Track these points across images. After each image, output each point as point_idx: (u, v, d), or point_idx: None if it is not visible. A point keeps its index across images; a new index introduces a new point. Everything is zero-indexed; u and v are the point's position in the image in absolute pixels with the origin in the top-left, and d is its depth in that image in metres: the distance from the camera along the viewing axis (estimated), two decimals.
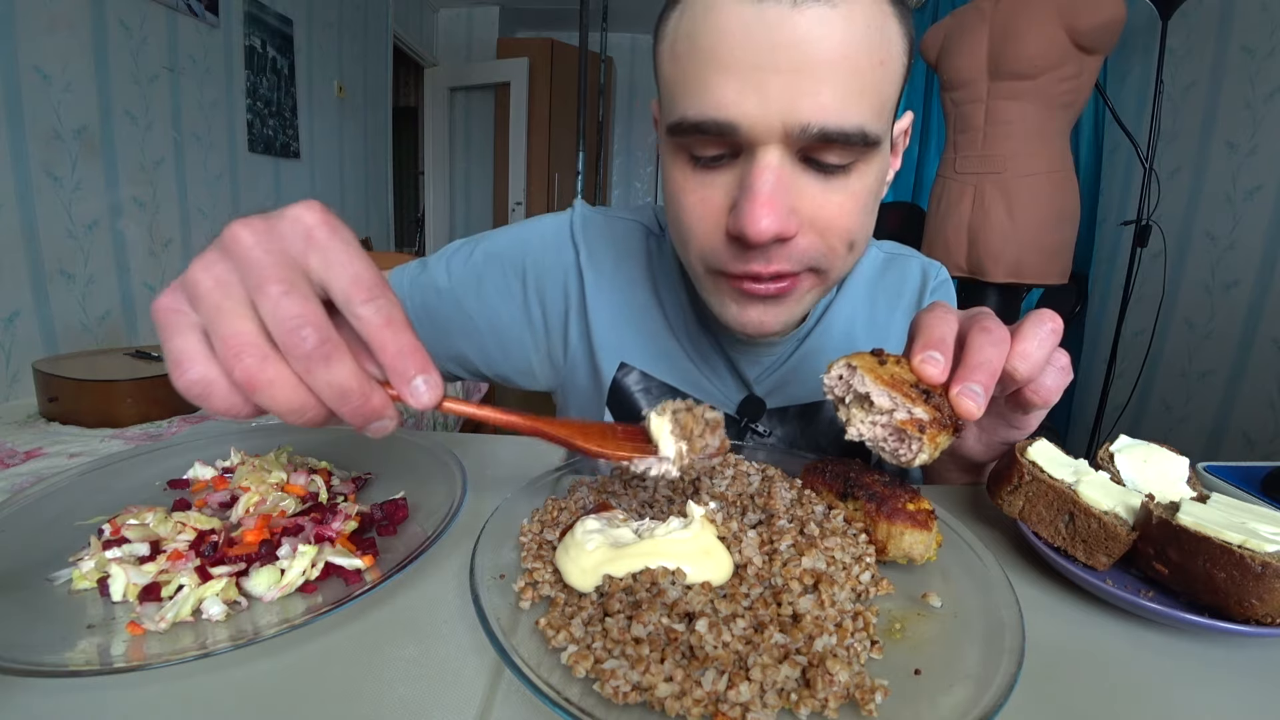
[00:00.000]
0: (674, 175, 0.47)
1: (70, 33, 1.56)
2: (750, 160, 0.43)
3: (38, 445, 1.16)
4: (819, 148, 0.42)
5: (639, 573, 0.32)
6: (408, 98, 4.80)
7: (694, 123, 0.42)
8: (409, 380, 0.29)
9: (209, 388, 0.28)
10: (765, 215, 0.41)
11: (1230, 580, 0.32)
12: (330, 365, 0.28)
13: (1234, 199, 1.99)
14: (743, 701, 0.25)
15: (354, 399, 0.28)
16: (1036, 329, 0.39)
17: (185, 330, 0.28)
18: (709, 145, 0.44)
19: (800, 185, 0.44)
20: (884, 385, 0.36)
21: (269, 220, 0.29)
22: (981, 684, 0.27)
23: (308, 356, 0.27)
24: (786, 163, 0.42)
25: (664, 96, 0.47)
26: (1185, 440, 2.13)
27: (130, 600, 0.32)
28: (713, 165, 0.45)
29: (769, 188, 0.42)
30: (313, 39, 2.72)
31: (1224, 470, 0.53)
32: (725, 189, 0.45)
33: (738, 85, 0.40)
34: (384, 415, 0.30)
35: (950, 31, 1.92)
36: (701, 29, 0.42)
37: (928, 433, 0.35)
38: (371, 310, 0.28)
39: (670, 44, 0.45)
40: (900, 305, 0.66)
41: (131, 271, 1.80)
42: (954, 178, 1.93)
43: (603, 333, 0.64)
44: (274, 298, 0.27)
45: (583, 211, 0.66)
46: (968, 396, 0.36)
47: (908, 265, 0.68)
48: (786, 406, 0.64)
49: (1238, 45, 1.98)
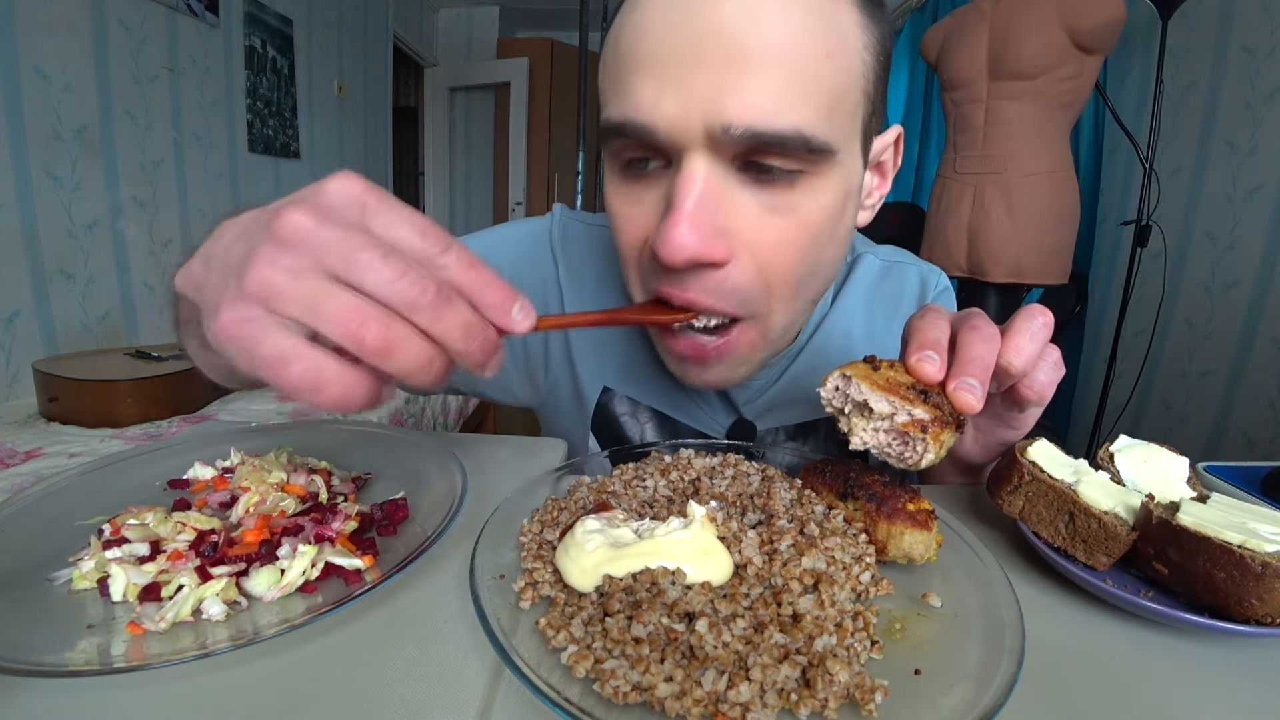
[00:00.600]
0: (608, 187, 0.44)
1: (70, 33, 1.56)
2: (676, 170, 0.38)
3: (38, 445, 1.16)
4: (754, 154, 0.37)
5: (639, 573, 0.31)
6: (408, 98, 4.79)
7: (614, 125, 0.39)
8: (508, 311, 0.29)
9: (321, 375, 0.26)
10: (686, 233, 0.36)
11: (1230, 580, 0.32)
12: (454, 306, 0.27)
13: (1234, 199, 1.99)
14: (743, 701, 0.25)
15: (477, 333, 0.28)
16: (1027, 324, 0.39)
17: (272, 330, 0.26)
18: (632, 150, 0.40)
19: (735, 202, 0.38)
20: (881, 390, 0.36)
21: (313, 200, 0.27)
22: (981, 684, 0.27)
23: (432, 304, 0.27)
24: (717, 173, 0.37)
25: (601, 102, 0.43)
26: (1185, 440, 2.13)
27: (130, 600, 0.32)
28: (643, 175, 0.41)
29: (691, 201, 0.37)
30: (313, 39, 2.71)
31: (1224, 470, 0.53)
32: (654, 203, 0.40)
33: (656, 83, 0.36)
34: (500, 348, 0.30)
35: (950, 31, 1.93)
36: (629, 25, 0.38)
37: (930, 431, 0.35)
38: (453, 258, 0.28)
39: (604, 47, 0.42)
40: (899, 316, 0.63)
41: (131, 271, 1.80)
42: (954, 178, 1.93)
43: (585, 354, 0.61)
44: (373, 265, 0.26)
45: (562, 220, 0.62)
46: (965, 390, 0.35)
47: (906, 274, 0.64)
48: (778, 428, 0.61)
49: (1238, 45, 1.97)
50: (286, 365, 0.26)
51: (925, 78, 3.12)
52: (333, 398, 0.26)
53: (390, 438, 0.51)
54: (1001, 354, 0.38)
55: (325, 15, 2.81)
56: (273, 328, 0.26)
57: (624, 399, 0.61)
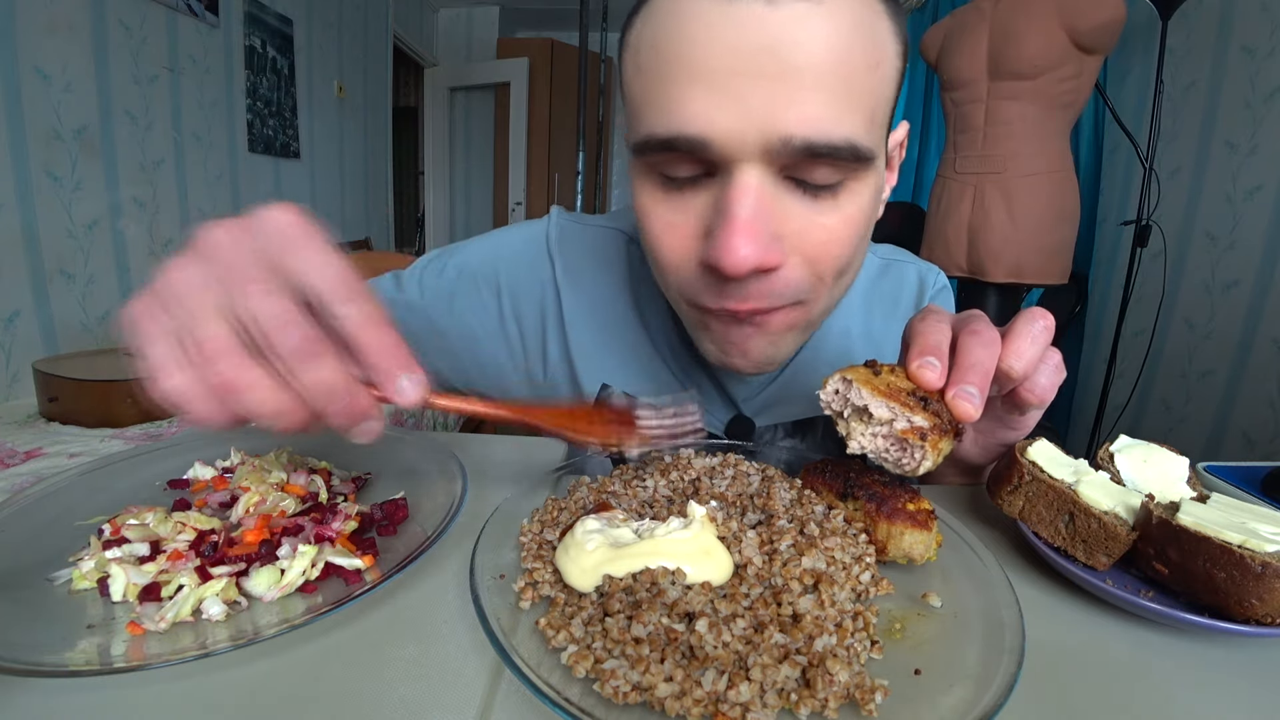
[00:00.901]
0: (643, 199, 0.43)
1: (70, 33, 1.56)
2: (727, 180, 0.38)
3: (38, 445, 1.16)
4: (804, 165, 0.38)
5: (639, 573, 0.31)
6: (408, 98, 4.80)
7: (662, 139, 0.38)
8: (394, 378, 0.29)
9: (186, 396, 0.27)
10: (744, 244, 0.37)
11: (1230, 580, 0.32)
12: (316, 363, 0.27)
13: (1234, 199, 1.99)
14: (743, 701, 0.25)
15: (340, 398, 0.28)
16: (1028, 327, 0.39)
17: (159, 338, 0.27)
18: (680, 164, 0.39)
19: (784, 208, 0.39)
20: (881, 396, 0.36)
21: (243, 222, 0.28)
22: (981, 684, 0.27)
23: (291, 355, 0.27)
24: (768, 183, 0.38)
25: (630, 113, 0.43)
26: (1185, 440, 2.13)
27: (130, 600, 0.32)
28: (686, 186, 0.41)
29: (748, 212, 0.37)
30: (313, 39, 2.72)
31: (1224, 470, 0.53)
32: (699, 213, 0.41)
33: (709, 96, 0.36)
34: (370, 415, 0.29)
35: (950, 31, 1.93)
36: (666, 35, 0.38)
37: (929, 439, 0.35)
38: (353, 310, 0.28)
39: (634, 54, 0.41)
40: (897, 314, 0.63)
41: (131, 271, 1.80)
42: (954, 178, 1.93)
43: (583, 352, 0.61)
44: (254, 297, 0.27)
45: (559, 222, 0.63)
46: (963, 398, 0.35)
47: (904, 272, 0.65)
48: (777, 425, 0.61)
49: (1238, 45, 1.98)
50: (159, 376, 0.27)
51: (925, 78, 3.12)
52: (196, 418, 0.27)
53: (390, 438, 0.51)
54: (1002, 358, 0.38)
55: (325, 15, 2.81)
56: (161, 334, 0.27)
57: (622, 395, 0.61)
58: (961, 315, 0.41)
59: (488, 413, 0.35)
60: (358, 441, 0.30)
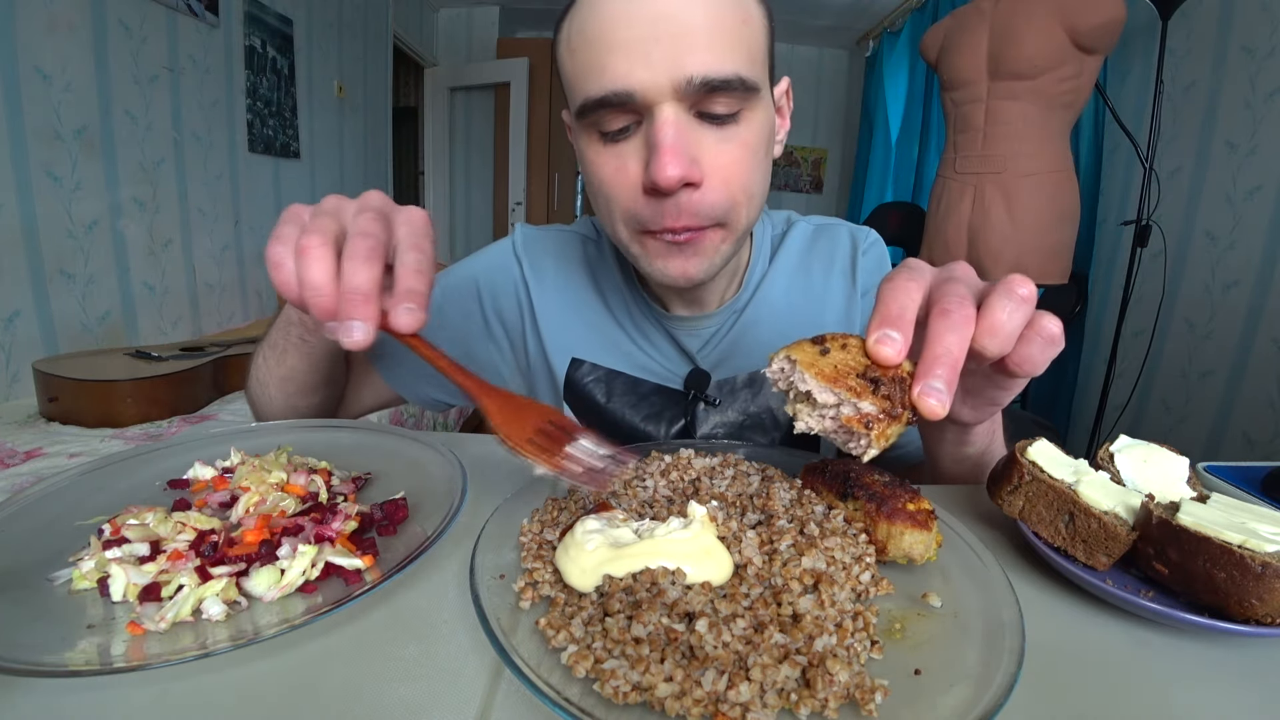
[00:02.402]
0: (589, 155, 0.53)
1: (70, 33, 1.56)
2: (650, 121, 0.48)
3: (38, 445, 1.16)
4: (707, 99, 0.48)
5: (639, 573, 0.32)
6: (408, 98, 4.79)
7: (596, 99, 0.48)
8: (399, 305, 0.37)
9: (281, 261, 0.38)
10: (671, 163, 0.47)
11: (1230, 580, 0.32)
12: (364, 264, 0.36)
13: (1234, 199, 1.99)
14: (743, 701, 0.25)
15: (360, 297, 0.36)
16: (1004, 299, 0.35)
17: (292, 223, 0.40)
18: (614, 118, 0.49)
19: (698, 138, 0.49)
20: (826, 381, 0.34)
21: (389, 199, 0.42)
22: (981, 684, 0.27)
23: (356, 253, 0.36)
24: (682, 117, 0.48)
25: (568, 89, 0.53)
26: (1185, 440, 2.13)
27: (130, 600, 0.32)
28: (620, 137, 0.51)
29: (670, 138, 0.47)
30: (313, 39, 2.71)
31: (1224, 470, 0.53)
32: (635, 153, 0.50)
33: (627, 59, 0.47)
34: (368, 320, 0.36)
35: (950, 31, 1.93)
36: (590, 20, 0.48)
37: (876, 428, 0.33)
38: (413, 259, 0.39)
39: (566, 43, 0.51)
40: (834, 271, 0.70)
41: (131, 271, 1.80)
42: (954, 178, 1.93)
43: (552, 333, 0.69)
44: (367, 218, 0.39)
45: (523, 231, 0.73)
46: (929, 395, 0.33)
47: (837, 233, 0.72)
48: (733, 376, 0.67)
49: (1238, 45, 1.97)
50: (272, 243, 0.39)
51: (925, 78, 3.12)
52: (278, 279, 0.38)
53: (390, 438, 0.51)
54: (975, 337, 0.35)
55: (325, 15, 2.81)
56: (294, 226, 0.39)
57: (590, 366, 0.68)
58: (942, 274, 0.38)
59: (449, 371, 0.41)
60: (344, 342, 0.36)
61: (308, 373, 0.60)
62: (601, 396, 0.68)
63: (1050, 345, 0.37)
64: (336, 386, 0.67)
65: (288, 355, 0.59)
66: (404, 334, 0.38)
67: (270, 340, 0.61)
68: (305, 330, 0.57)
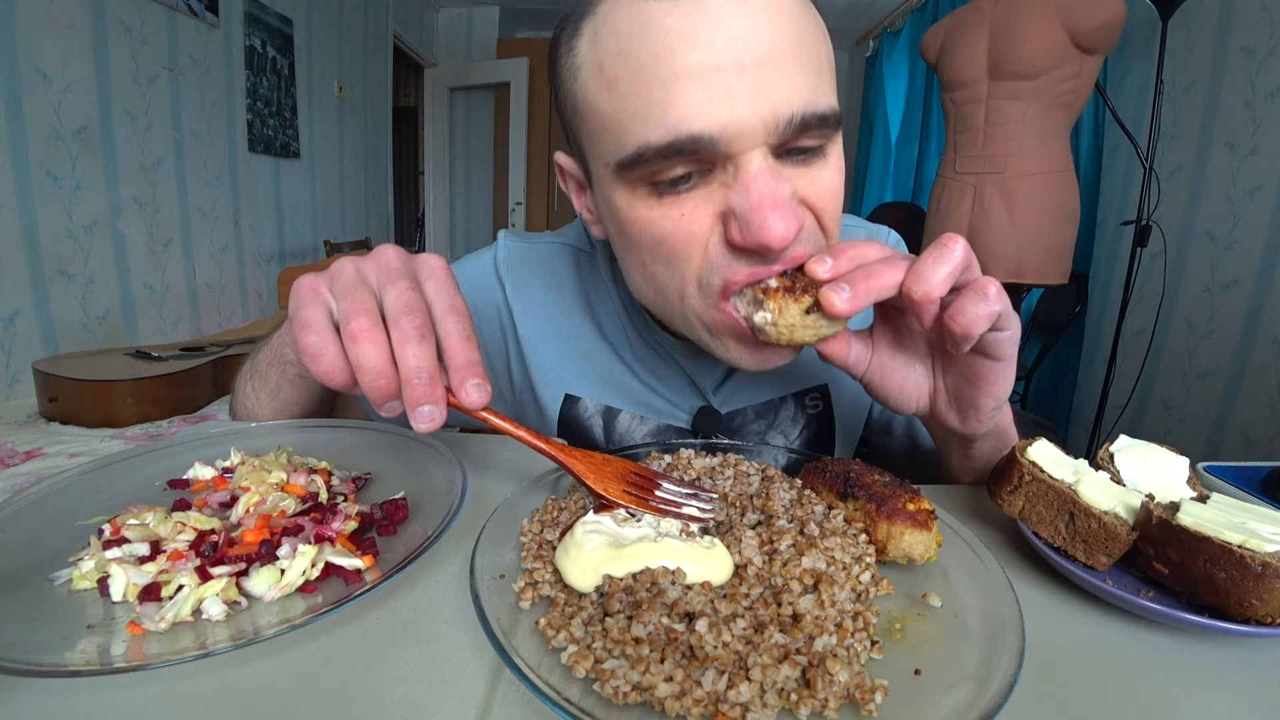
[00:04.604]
0: (636, 210, 0.42)
1: (70, 33, 1.56)
2: (736, 169, 0.39)
3: (38, 445, 1.16)
4: (797, 136, 0.39)
5: (639, 573, 0.32)
6: (408, 98, 4.80)
7: (659, 148, 0.37)
8: (465, 382, 0.35)
9: (321, 350, 0.35)
10: (778, 221, 0.37)
11: (1230, 580, 0.32)
12: (421, 344, 0.34)
13: (1234, 199, 1.99)
14: (743, 701, 0.25)
15: (424, 378, 0.34)
16: (936, 249, 0.37)
17: (317, 304, 0.36)
18: (677, 166, 0.39)
19: (788, 177, 0.41)
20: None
21: (410, 254, 0.39)
22: (981, 684, 0.27)
23: (407, 332, 0.34)
24: (770, 159, 0.39)
25: (599, 133, 0.41)
26: (1185, 440, 2.13)
27: (130, 600, 0.32)
28: (682, 186, 0.40)
29: (771, 190, 0.38)
30: (313, 39, 2.72)
31: (1224, 470, 0.53)
32: (705, 208, 0.41)
33: (702, 92, 0.36)
34: (438, 402, 0.34)
35: (950, 31, 1.93)
36: (636, 39, 0.37)
37: (772, 295, 0.39)
38: (456, 326, 0.36)
39: (594, 71, 0.40)
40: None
41: (131, 271, 1.80)
42: (954, 178, 1.93)
43: (542, 366, 0.62)
44: (401, 288, 0.36)
45: (506, 245, 0.64)
46: (833, 290, 0.37)
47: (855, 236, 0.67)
48: (744, 408, 0.61)
49: (1238, 45, 1.97)
50: (307, 331, 0.36)
51: (925, 78, 3.12)
52: (322, 370, 0.35)
53: (390, 438, 0.51)
54: (904, 281, 0.38)
55: (325, 15, 2.81)
56: (319, 303, 0.36)
57: (588, 403, 0.61)
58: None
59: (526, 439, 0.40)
60: (419, 426, 0.34)
61: (304, 404, 0.57)
62: (600, 435, 0.62)
63: (983, 300, 0.38)
64: (327, 405, 0.63)
65: (282, 390, 0.55)
66: (475, 410, 0.36)
67: (260, 373, 0.55)
68: (304, 368, 0.52)
